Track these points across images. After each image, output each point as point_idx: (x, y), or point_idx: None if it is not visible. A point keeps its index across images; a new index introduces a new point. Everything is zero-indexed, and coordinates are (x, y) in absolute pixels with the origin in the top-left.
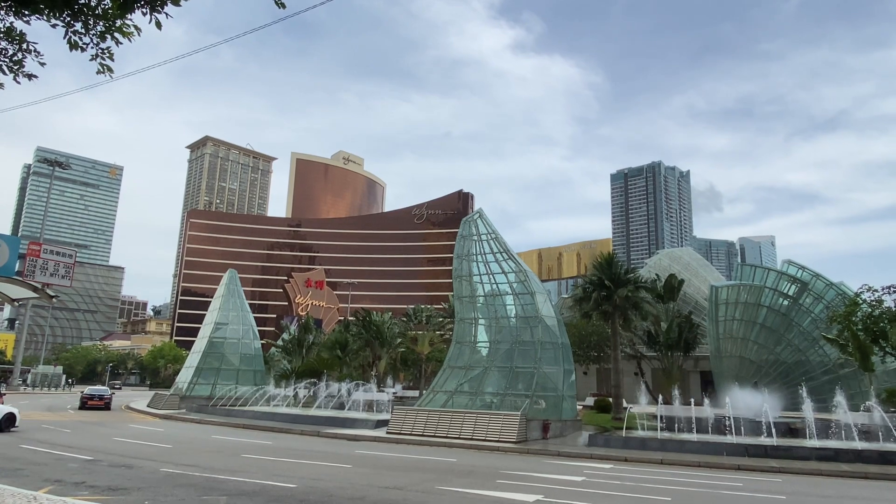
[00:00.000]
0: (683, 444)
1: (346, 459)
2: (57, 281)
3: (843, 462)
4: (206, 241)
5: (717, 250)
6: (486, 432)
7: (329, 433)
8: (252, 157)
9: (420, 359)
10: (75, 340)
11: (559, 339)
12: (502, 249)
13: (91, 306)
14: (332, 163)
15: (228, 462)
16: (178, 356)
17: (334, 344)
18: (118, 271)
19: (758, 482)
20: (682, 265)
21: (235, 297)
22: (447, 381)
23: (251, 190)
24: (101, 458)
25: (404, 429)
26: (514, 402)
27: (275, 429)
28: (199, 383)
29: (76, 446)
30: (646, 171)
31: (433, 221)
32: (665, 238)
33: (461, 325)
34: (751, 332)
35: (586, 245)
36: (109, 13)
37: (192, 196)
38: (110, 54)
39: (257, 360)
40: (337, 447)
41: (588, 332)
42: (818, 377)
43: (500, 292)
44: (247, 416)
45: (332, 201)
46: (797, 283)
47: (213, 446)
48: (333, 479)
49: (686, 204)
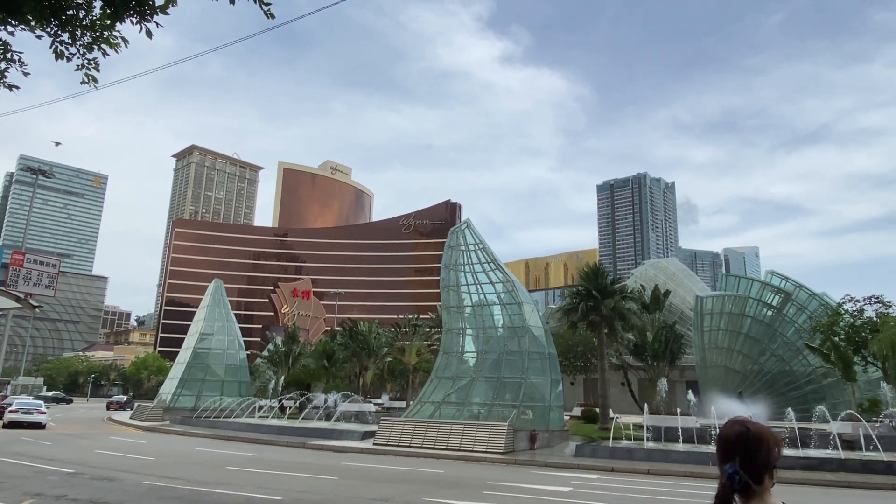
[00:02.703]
0: (670, 453)
1: (333, 471)
2: (40, 291)
3: (826, 471)
4: (192, 250)
5: (702, 261)
6: (474, 443)
7: (315, 445)
8: (239, 166)
9: (407, 369)
10: (57, 351)
11: (546, 349)
12: (490, 259)
13: (73, 316)
14: (320, 172)
15: (213, 474)
16: (162, 367)
17: (321, 354)
18: (101, 281)
19: None
20: (668, 275)
21: (221, 307)
22: (434, 392)
23: (237, 199)
24: (82, 470)
25: (391, 440)
26: (501, 412)
27: (260, 441)
28: (183, 394)
29: (57, 459)
30: (632, 183)
31: (421, 231)
32: (651, 248)
33: (449, 336)
34: (735, 342)
35: (573, 255)
36: (97, 24)
37: (178, 205)
38: (96, 65)
39: (242, 371)
40: (323, 459)
41: (575, 343)
42: (802, 387)
43: (487, 302)
44: (232, 428)
45: (319, 211)
46: (781, 293)
47: (197, 458)
48: (319, 491)
49: (671, 215)
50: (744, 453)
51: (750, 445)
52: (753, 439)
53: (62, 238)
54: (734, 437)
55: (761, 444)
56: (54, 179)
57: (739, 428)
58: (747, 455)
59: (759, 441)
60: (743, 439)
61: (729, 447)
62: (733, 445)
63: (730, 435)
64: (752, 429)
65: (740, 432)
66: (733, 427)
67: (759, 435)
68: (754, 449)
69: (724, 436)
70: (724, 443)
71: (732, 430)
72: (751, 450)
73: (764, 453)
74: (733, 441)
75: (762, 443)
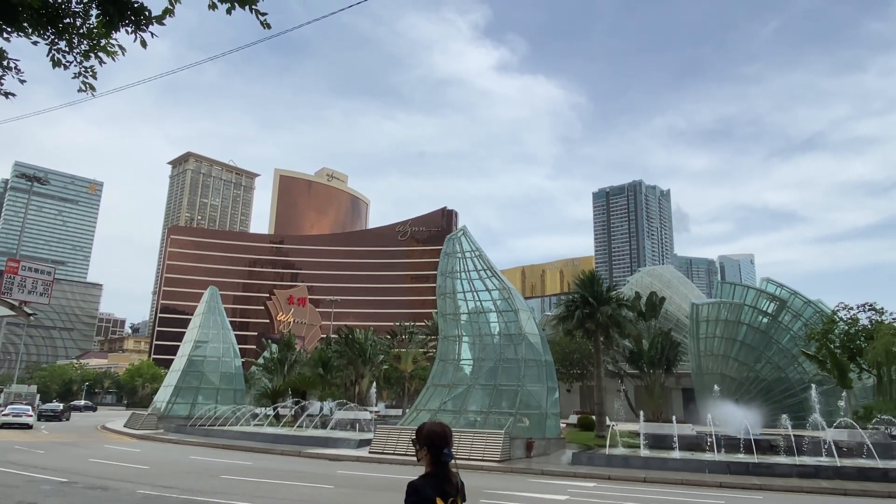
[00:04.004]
0: (666, 461)
1: (328, 480)
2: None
3: (822, 479)
4: (187, 257)
5: (698, 268)
6: (470, 451)
7: (311, 453)
8: (235, 173)
9: (403, 376)
10: (51, 359)
11: (543, 356)
12: (486, 267)
13: (67, 324)
14: (316, 179)
15: (208, 483)
16: (157, 375)
17: (316, 362)
18: (96, 288)
19: (740, 499)
20: (664, 283)
21: (216, 314)
22: (431, 400)
23: (233, 206)
24: (76, 479)
25: (387, 448)
26: (497, 420)
27: (255, 449)
28: (177, 402)
29: (50, 468)
30: (627, 190)
31: (417, 238)
32: (646, 256)
33: (445, 343)
34: (731, 350)
35: (569, 262)
36: (94, 32)
37: (174, 212)
38: (93, 73)
39: (238, 379)
40: (319, 467)
41: (571, 350)
42: (798, 394)
43: (483, 310)
44: (227, 437)
45: (315, 218)
46: (776, 300)
47: (192, 467)
48: (314, 499)
49: (667, 222)
50: (450, 441)
51: (450, 436)
52: (450, 433)
53: (57, 245)
54: (446, 431)
55: (451, 434)
56: (49, 186)
57: (443, 427)
58: (450, 441)
59: (450, 433)
60: (448, 432)
61: (445, 438)
62: (446, 437)
63: (445, 430)
64: (447, 427)
65: (445, 429)
66: (440, 426)
67: (449, 429)
68: (450, 436)
69: (441, 432)
70: (443, 436)
71: (442, 428)
72: (450, 438)
73: (451, 440)
74: (447, 434)
75: (451, 434)
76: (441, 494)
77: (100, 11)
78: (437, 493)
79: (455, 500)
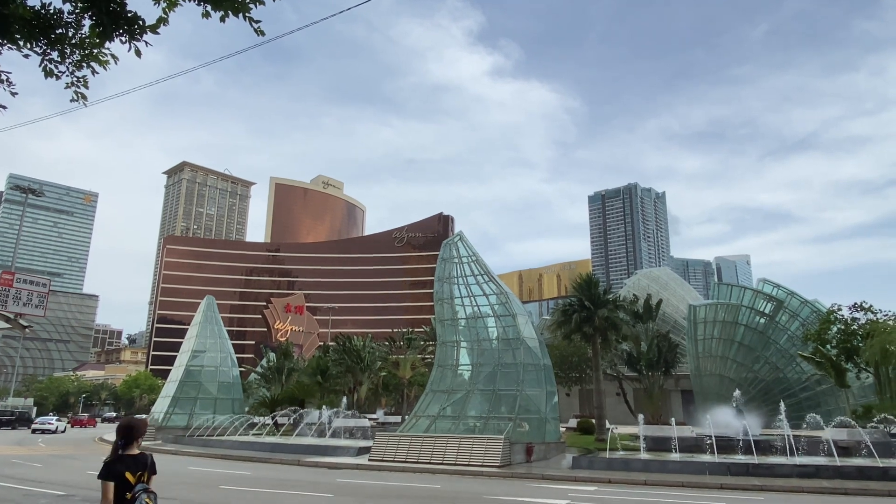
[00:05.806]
0: (666, 464)
1: (327, 488)
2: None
3: (823, 479)
4: (183, 267)
5: (694, 269)
6: (470, 457)
7: (310, 462)
8: (230, 182)
9: (402, 383)
10: (47, 371)
11: (541, 360)
12: (483, 272)
13: (64, 336)
14: (312, 187)
15: (207, 494)
16: (154, 386)
17: (314, 370)
18: (92, 299)
19: (741, 500)
20: (661, 285)
21: (213, 323)
22: (430, 406)
23: (229, 215)
24: (73, 492)
25: (386, 455)
26: (497, 425)
27: (254, 458)
28: (175, 413)
29: (47, 481)
30: (623, 193)
31: (414, 244)
32: (643, 258)
33: (443, 349)
34: (729, 351)
35: (566, 266)
36: (87, 42)
37: (169, 222)
38: (85, 83)
39: (235, 389)
40: (318, 476)
41: (569, 353)
42: (797, 394)
43: (481, 314)
44: (225, 446)
45: (311, 225)
46: (773, 301)
47: (190, 478)
48: None
49: (663, 224)
50: (130, 430)
51: (135, 427)
52: (136, 424)
53: (52, 256)
54: (131, 424)
55: (139, 426)
56: (44, 197)
57: (129, 420)
58: (134, 430)
59: (140, 424)
60: (131, 424)
61: (131, 429)
62: (134, 429)
63: (137, 423)
64: (135, 420)
65: (130, 422)
66: (129, 419)
67: (136, 422)
68: (137, 427)
69: (134, 424)
70: (132, 428)
71: (134, 422)
72: (137, 428)
73: (139, 430)
74: (133, 426)
75: (141, 425)
76: (129, 469)
77: (93, 21)
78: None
79: (143, 474)
